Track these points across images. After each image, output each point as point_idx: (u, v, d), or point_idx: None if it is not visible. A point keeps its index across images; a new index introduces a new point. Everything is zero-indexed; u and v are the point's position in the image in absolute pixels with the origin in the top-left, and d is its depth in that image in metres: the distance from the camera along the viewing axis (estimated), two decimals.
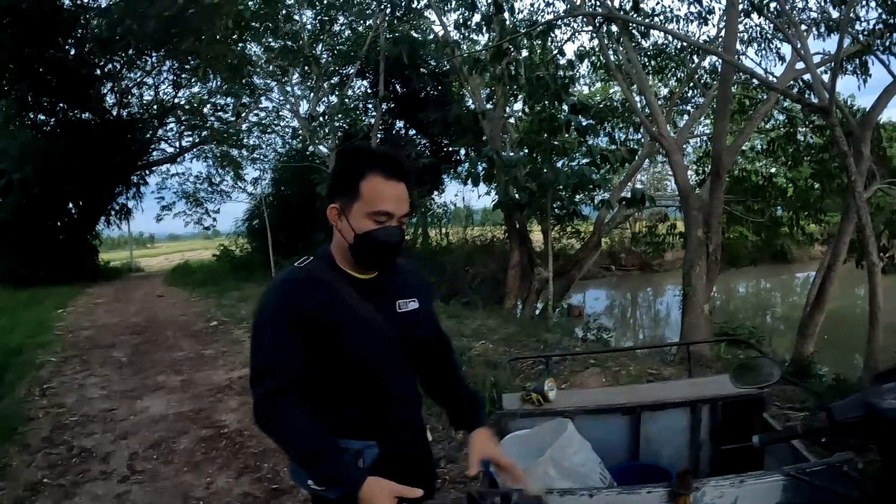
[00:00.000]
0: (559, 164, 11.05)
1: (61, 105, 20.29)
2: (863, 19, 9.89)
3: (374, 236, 1.69)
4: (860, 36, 9.58)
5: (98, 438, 5.39)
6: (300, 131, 18.11)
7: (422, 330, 1.89)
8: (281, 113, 20.90)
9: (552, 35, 12.79)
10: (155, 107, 23.89)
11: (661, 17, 13.35)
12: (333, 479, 1.64)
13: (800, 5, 10.82)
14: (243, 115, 21.34)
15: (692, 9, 12.96)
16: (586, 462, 1.93)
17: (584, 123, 10.49)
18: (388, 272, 1.82)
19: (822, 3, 10.33)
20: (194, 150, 25.21)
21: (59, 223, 21.21)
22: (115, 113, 22.23)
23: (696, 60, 14.08)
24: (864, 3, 9.72)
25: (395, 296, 1.85)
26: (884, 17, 9.54)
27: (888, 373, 1.70)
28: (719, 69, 11.42)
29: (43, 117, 20.77)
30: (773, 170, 16.69)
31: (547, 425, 2.16)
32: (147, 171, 25.34)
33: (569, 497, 1.72)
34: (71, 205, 21.75)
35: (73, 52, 19.38)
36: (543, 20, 11.09)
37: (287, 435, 1.69)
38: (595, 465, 1.98)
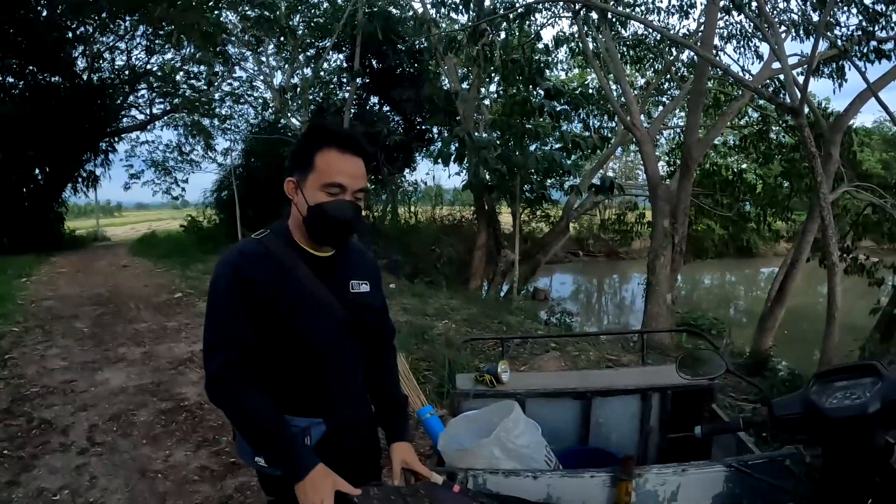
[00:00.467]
0: (531, 148, 11.09)
1: (30, 68, 19.75)
2: (842, 24, 10.03)
3: (325, 208, 1.69)
4: (839, 41, 9.68)
5: (58, 410, 5.34)
6: (273, 103, 17.91)
7: (370, 314, 1.89)
8: (254, 83, 20.64)
9: (531, 19, 12.78)
10: (126, 72, 23.36)
11: (643, 8, 13.40)
12: (283, 463, 1.64)
13: (781, 6, 10.92)
14: (216, 84, 21.02)
15: (674, 1, 13.02)
16: (532, 444, 1.96)
17: (557, 108, 10.55)
18: (340, 247, 1.82)
19: (803, 6, 10.43)
20: (165, 118, 24.74)
21: (23, 190, 20.70)
22: (85, 77, 21.72)
23: (675, 53, 14.17)
24: (844, 8, 9.84)
25: (349, 276, 1.86)
26: (863, 24, 9.66)
27: (829, 372, 1.75)
28: (696, 63, 11.52)
29: (11, 80, 20.22)
30: (744, 166, 16.91)
31: (494, 406, 2.18)
32: (116, 138, 24.81)
33: (513, 478, 1.75)
34: (37, 171, 21.23)
35: (44, 13, 18.88)
36: (522, 2, 11.03)
37: (241, 413, 1.68)
38: (541, 447, 2.01)
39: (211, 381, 1.67)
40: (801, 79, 8.33)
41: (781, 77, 11.20)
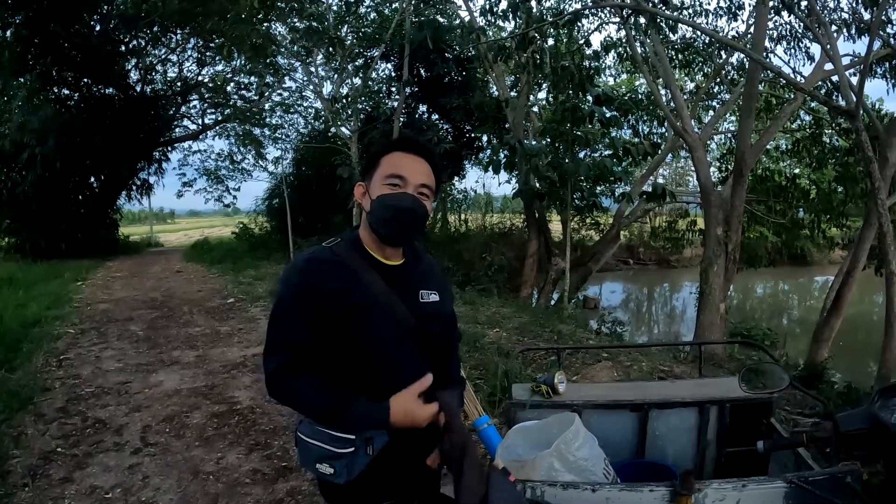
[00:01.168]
0: (581, 155, 11.02)
1: (85, 80, 20.37)
2: (895, 22, 9.73)
3: (385, 198, 1.75)
4: (891, 39, 9.41)
5: (112, 410, 5.46)
6: (323, 112, 18.14)
7: (439, 323, 1.89)
8: (304, 93, 20.96)
9: (579, 25, 12.72)
10: (178, 84, 24.00)
11: (690, 11, 13.24)
12: (363, 419, 1.70)
13: (831, 5, 10.66)
14: (266, 94, 21.41)
15: (722, 3, 12.82)
16: (591, 457, 1.94)
17: (607, 115, 10.45)
18: (405, 242, 1.86)
19: (854, 4, 10.17)
20: (217, 127, 25.35)
21: (80, 197, 21.34)
22: (138, 89, 22.34)
23: (724, 56, 13.94)
24: (895, 5, 9.56)
25: (419, 285, 1.88)
26: None
27: (895, 387, 1.70)
28: (747, 66, 11.31)
29: (66, 92, 20.81)
30: (796, 171, 16.53)
31: (554, 418, 2.16)
32: (169, 148, 25.50)
33: (572, 491, 1.73)
34: (92, 179, 21.89)
35: (97, 28, 19.46)
36: (570, 9, 10.99)
37: (301, 397, 1.75)
38: (600, 460, 1.98)
39: (268, 380, 1.76)
40: (854, 80, 8.12)
41: (834, 78, 10.94)
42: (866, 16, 9.83)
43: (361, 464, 1.72)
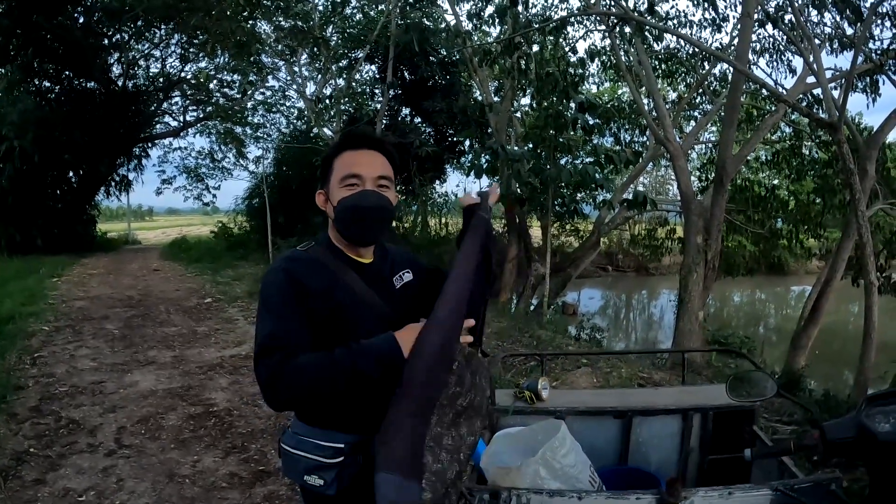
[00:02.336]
0: (563, 162, 11.04)
1: (66, 73, 20.18)
2: (877, 38, 9.84)
3: (346, 201, 1.73)
4: (873, 55, 9.52)
5: (86, 411, 5.38)
6: (305, 112, 18.05)
7: (419, 304, 1.79)
8: (287, 93, 20.82)
9: (565, 32, 12.75)
10: (161, 79, 23.80)
11: (675, 22, 13.31)
12: (376, 359, 1.58)
13: (814, 19, 10.77)
14: (249, 92, 21.25)
15: (706, 15, 12.91)
16: (577, 464, 1.92)
17: (590, 122, 10.48)
18: (375, 239, 1.83)
19: (837, 20, 10.27)
20: (198, 125, 25.12)
21: (57, 192, 21.10)
22: (120, 84, 22.15)
23: (707, 67, 14.05)
24: (878, 22, 9.67)
25: (392, 273, 1.88)
26: None
27: (881, 395, 1.71)
28: (729, 77, 11.39)
29: (47, 84, 20.62)
30: (775, 181, 16.67)
31: (539, 425, 2.16)
32: (149, 144, 25.31)
33: (558, 498, 1.72)
34: (71, 174, 21.62)
35: (81, 20, 19.27)
36: (557, 16, 11.00)
37: (306, 373, 1.57)
38: (585, 467, 1.97)
39: (270, 381, 1.59)
40: (835, 93, 8.20)
41: (815, 91, 11.07)
42: (849, 31, 9.94)
43: (351, 473, 1.70)
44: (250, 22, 16.13)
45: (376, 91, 18.31)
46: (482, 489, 1.75)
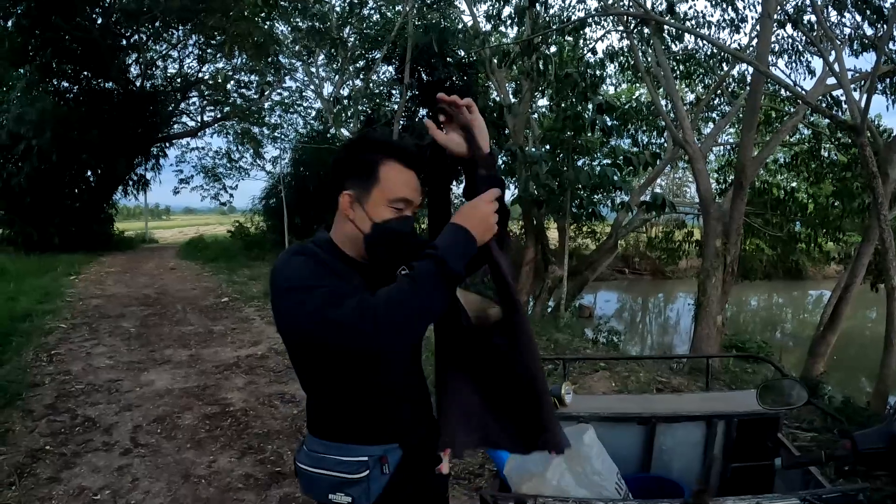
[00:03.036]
0: (581, 163, 11.00)
1: (84, 73, 20.36)
2: None
3: (392, 226, 1.60)
4: (894, 55, 9.42)
5: (102, 409, 5.39)
6: (323, 113, 18.11)
7: None
8: (304, 93, 20.94)
9: (583, 33, 12.72)
10: (178, 80, 23.99)
11: (694, 22, 13.24)
12: (458, 251, 1.46)
13: (833, 20, 10.66)
14: (266, 93, 21.39)
15: (725, 16, 12.84)
16: (604, 471, 1.89)
17: (609, 124, 10.42)
18: (392, 267, 1.58)
19: (858, 20, 10.17)
20: (215, 125, 25.34)
21: (75, 190, 21.24)
22: (138, 84, 22.34)
23: (725, 68, 13.96)
24: None
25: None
26: None
27: None
28: (748, 78, 11.30)
29: (66, 84, 20.80)
30: (794, 184, 16.54)
31: (566, 430, 2.11)
32: (167, 144, 25.50)
33: None
34: (89, 173, 21.79)
35: (99, 21, 19.43)
36: (575, 17, 10.96)
37: (407, 300, 1.42)
38: (612, 474, 1.93)
39: (357, 322, 1.39)
40: (855, 95, 8.09)
41: (835, 93, 10.97)
42: (869, 31, 9.84)
43: (380, 485, 1.62)
44: (268, 23, 16.23)
45: (394, 92, 18.36)
46: (507, 496, 1.72)
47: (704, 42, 13.21)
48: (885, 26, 8.20)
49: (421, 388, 1.77)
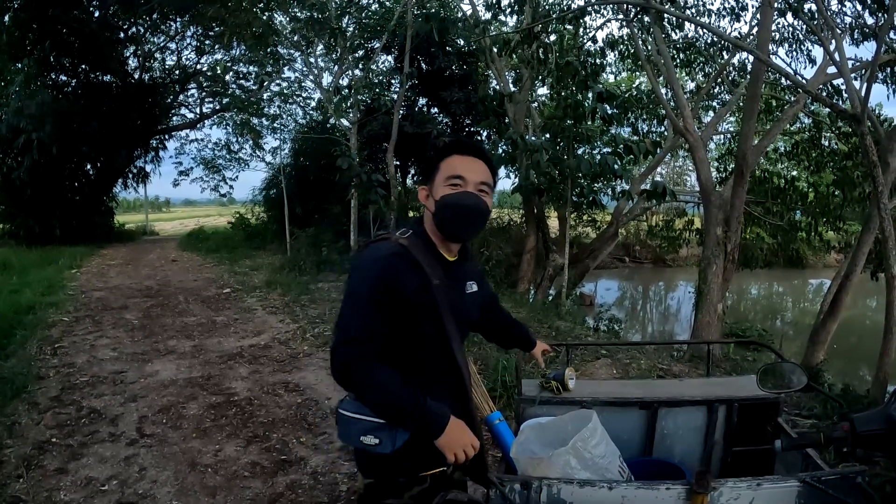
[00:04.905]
0: (581, 152, 10.99)
1: (83, 66, 20.32)
2: None
3: (448, 198, 1.90)
4: (895, 45, 9.39)
5: (107, 400, 5.43)
6: (322, 103, 18.05)
7: (475, 311, 2.16)
8: (303, 84, 20.85)
9: (583, 21, 12.68)
10: (177, 72, 23.95)
11: (694, 11, 13.20)
12: (422, 421, 1.80)
13: (834, 9, 10.64)
14: (265, 84, 21.31)
15: (726, 4, 12.81)
16: (607, 454, 1.92)
17: (609, 112, 10.41)
18: (469, 237, 2.02)
19: (859, 9, 10.14)
20: (214, 116, 25.28)
21: (76, 184, 21.22)
22: (136, 76, 22.30)
23: (726, 56, 13.93)
24: None
25: (467, 279, 2.10)
26: None
27: None
28: (749, 67, 11.28)
29: (64, 78, 20.77)
30: (794, 173, 16.53)
31: (570, 415, 2.16)
32: (166, 136, 25.46)
33: (588, 488, 1.72)
34: (88, 166, 21.78)
35: (97, 14, 19.39)
36: (575, 5, 10.94)
37: (374, 385, 1.80)
38: (615, 458, 1.97)
39: (344, 367, 1.81)
40: (856, 84, 8.08)
41: (835, 82, 10.94)
42: (870, 20, 9.81)
43: (405, 434, 1.84)
44: (266, 13, 16.15)
45: (393, 81, 18.32)
46: (513, 479, 1.76)
47: (705, 30, 13.16)
48: (885, 15, 8.17)
49: (452, 364, 1.97)
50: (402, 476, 1.92)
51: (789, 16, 11.06)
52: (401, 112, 15.54)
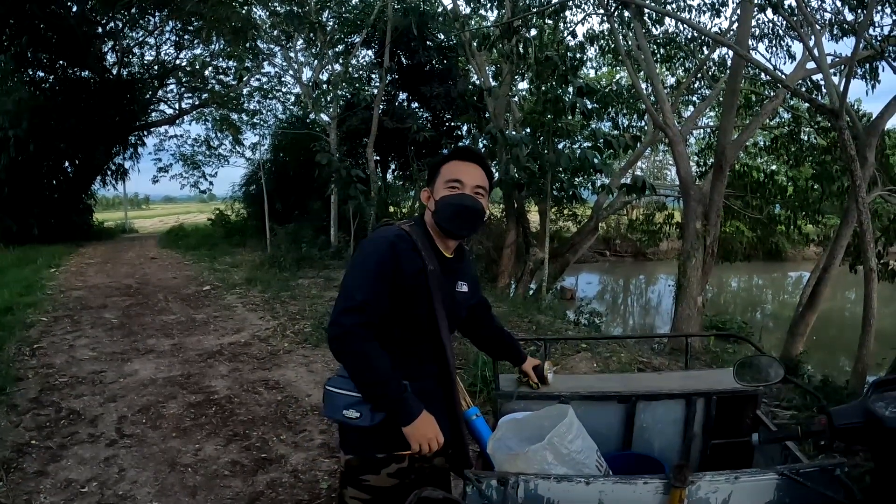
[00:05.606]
0: (561, 146, 11.02)
1: (60, 62, 20.05)
2: (877, 24, 9.81)
3: (447, 199, 2.08)
4: (873, 41, 9.48)
5: (87, 401, 5.36)
6: (302, 98, 17.97)
7: (463, 310, 2.30)
8: (283, 79, 20.76)
9: (563, 16, 12.70)
10: (156, 67, 23.69)
11: (674, 6, 13.26)
12: (396, 406, 1.94)
13: (814, 5, 10.72)
14: (245, 78, 21.20)
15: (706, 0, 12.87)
16: (584, 449, 1.92)
17: (589, 107, 10.45)
18: (466, 235, 2.18)
19: (838, 5, 10.23)
20: (194, 112, 25.05)
21: (53, 181, 20.98)
22: (114, 72, 22.02)
23: (706, 52, 14.01)
24: (878, 8, 9.64)
25: (458, 278, 2.23)
26: None
27: (888, 381, 1.71)
28: (728, 62, 11.35)
29: (42, 74, 20.47)
30: (773, 167, 16.67)
31: (546, 410, 2.15)
32: (145, 132, 25.21)
33: (566, 483, 1.71)
34: (66, 163, 21.52)
35: (74, 8, 19.13)
36: (556, 0, 10.92)
37: (365, 361, 1.93)
38: (592, 452, 1.96)
39: (343, 335, 1.92)
40: (835, 79, 8.17)
41: (815, 77, 11.04)
42: (849, 17, 9.90)
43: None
44: (245, 7, 16.05)
45: (373, 76, 18.24)
46: (490, 475, 1.74)
47: (685, 26, 13.23)
48: (864, 12, 8.24)
49: (439, 348, 2.13)
50: (381, 451, 2.02)
51: (769, 11, 11.14)
52: (381, 107, 15.52)
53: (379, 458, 2.03)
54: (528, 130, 11.74)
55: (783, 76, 10.04)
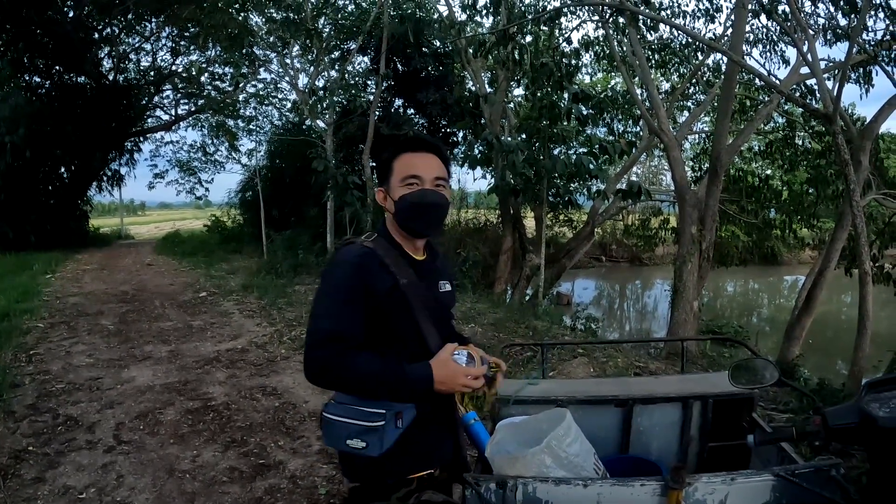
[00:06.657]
0: (557, 152, 11.05)
1: (57, 68, 20.07)
2: (870, 29, 9.86)
3: (407, 198, 1.92)
4: (867, 45, 9.53)
5: (84, 407, 5.36)
6: (298, 104, 17.97)
7: (450, 310, 2.16)
8: (279, 85, 20.74)
9: (558, 22, 12.73)
10: (152, 73, 23.69)
11: (669, 12, 13.31)
12: (410, 386, 1.82)
13: (808, 10, 10.77)
14: (241, 85, 21.17)
15: (700, 5, 12.92)
16: (582, 452, 1.93)
17: (584, 113, 10.47)
18: (433, 233, 2.04)
19: (831, 11, 10.28)
20: (190, 118, 25.02)
21: (50, 187, 21.00)
22: (111, 78, 22.02)
23: (700, 57, 14.05)
24: (871, 13, 9.69)
25: (439, 278, 2.10)
26: (891, 28, 9.50)
27: (881, 382, 1.73)
28: (723, 67, 11.39)
29: (38, 79, 20.51)
30: (769, 172, 16.71)
31: (544, 414, 2.16)
32: (141, 138, 25.19)
33: (564, 486, 1.72)
34: (63, 169, 21.56)
35: (71, 14, 19.16)
36: (551, 6, 10.98)
37: (351, 373, 1.79)
38: (589, 455, 1.98)
39: (321, 369, 1.80)
40: (829, 84, 8.20)
41: (808, 82, 11.08)
42: (843, 22, 9.95)
43: (392, 437, 1.82)
44: (242, 14, 16.06)
45: (369, 83, 18.23)
46: (489, 478, 1.76)
47: (679, 32, 13.27)
48: (857, 17, 8.30)
49: (428, 359, 1.94)
50: (390, 478, 1.91)
51: (763, 17, 11.20)
52: (377, 113, 15.51)
53: (389, 483, 1.91)
54: (524, 136, 11.73)
55: (777, 81, 10.08)
